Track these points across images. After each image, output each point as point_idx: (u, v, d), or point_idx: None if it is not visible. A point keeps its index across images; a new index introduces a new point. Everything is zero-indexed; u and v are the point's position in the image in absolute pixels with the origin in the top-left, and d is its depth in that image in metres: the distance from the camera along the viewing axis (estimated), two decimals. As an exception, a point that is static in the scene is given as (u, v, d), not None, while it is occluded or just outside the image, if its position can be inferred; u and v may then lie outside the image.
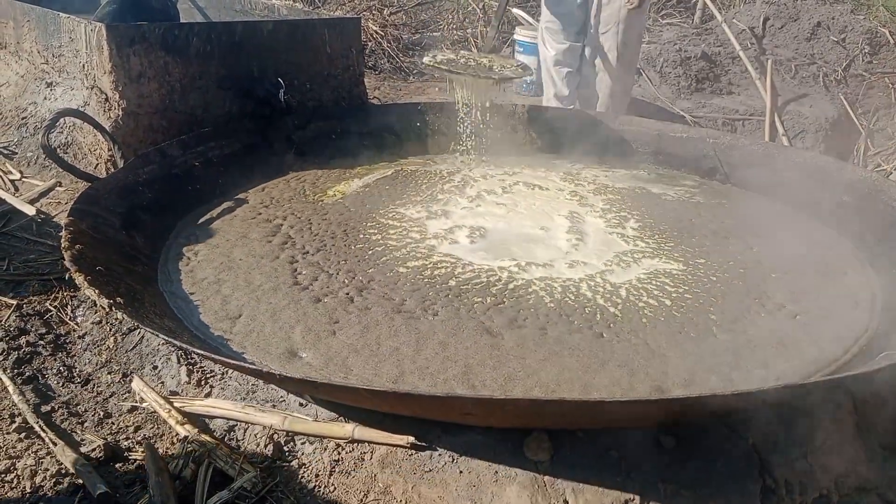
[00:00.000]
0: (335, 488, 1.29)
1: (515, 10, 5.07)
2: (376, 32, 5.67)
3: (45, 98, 2.72)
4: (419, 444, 1.31)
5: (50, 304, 1.85)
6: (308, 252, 1.89)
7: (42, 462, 1.37)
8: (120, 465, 1.38)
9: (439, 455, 1.31)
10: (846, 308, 1.72)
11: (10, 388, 1.54)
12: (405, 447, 1.32)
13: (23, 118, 2.78)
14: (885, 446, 1.45)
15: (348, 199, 2.26)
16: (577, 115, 3.08)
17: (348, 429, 1.36)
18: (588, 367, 1.44)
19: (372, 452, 1.33)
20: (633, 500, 1.24)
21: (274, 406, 1.46)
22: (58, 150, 2.41)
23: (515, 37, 4.73)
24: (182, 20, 3.28)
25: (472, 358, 1.46)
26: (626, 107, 3.50)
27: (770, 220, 2.23)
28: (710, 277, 1.84)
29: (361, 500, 1.27)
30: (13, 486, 1.31)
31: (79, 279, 1.45)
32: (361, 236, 2.00)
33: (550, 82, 3.58)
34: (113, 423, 1.49)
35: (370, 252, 1.90)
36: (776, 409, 1.36)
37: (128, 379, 1.60)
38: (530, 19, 4.68)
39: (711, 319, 1.64)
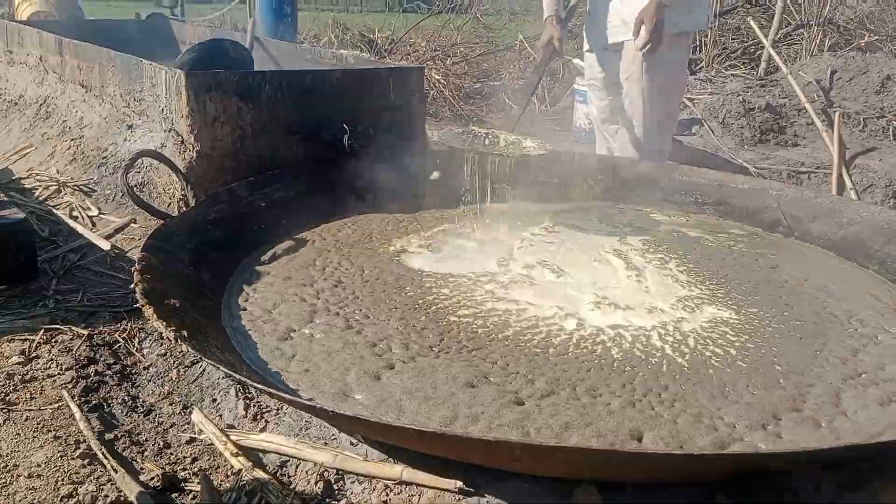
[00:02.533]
0: (382, 529, 1.29)
1: (576, 61, 5.12)
2: (439, 81, 5.81)
3: (126, 139, 2.87)
4: (467, 489, 1.31)
5: (119, 336, 1.93)
6: (360, 297, 1.93)
7: (103, 489, 1.41)
8: (177, 495, 1.41)
9: (487, 501, 1.30)
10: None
11: (77, 416, 1.61)
12: (453, 492, 1.31)
13: (103, 157, 2.94)
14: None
15: (403, 246, 2.31)
16: (631, 165, 3.06)
17: (397, 470, 1.37)
18: (649, 418, 1.42)
19: (420, 495, 1.34)
20: (686, 559, 1.20)
21: (326, 444, 1.48)
22: (134, 188, 2.54)
23: (575, 86, 4.77)
24: (256, 68, 3.44)
25: (528, 404, 1.45)
26: (666, 155, 3.27)
27: (830, 273, 2.17)
28: (766, 328, 1.82)
29: (408, 543, 1.27)
30: (75, 509, 1.36)
31: (147, 311, 1.52)
32: (411, 288, 2.01)
33: (601, 137, 3.46)
34: (172, 454, 1.54)
35: (422, 300, 1.93)
36: (839, 471, 1.30)
37: (188, 411, 1.65)
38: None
39: (777, 371, 1.60)
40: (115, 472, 1.44)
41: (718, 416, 1.43)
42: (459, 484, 1.31)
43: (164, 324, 1.48)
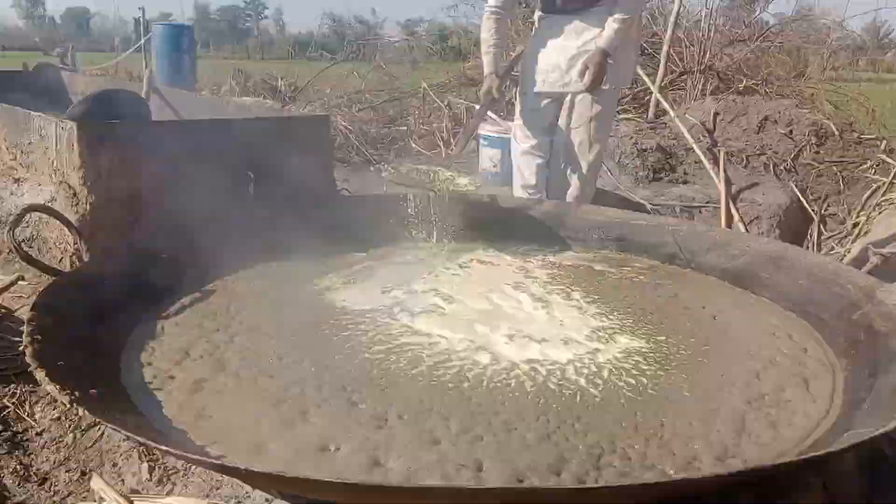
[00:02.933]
0: (302, 589, 1.24)
1: (479, 108, 5.27)
2: (345, 127, 5.84)
3: (12, 193, 2.72)
4: (389, 538, 1.28)
5: (7, 401, 1.80)
6: (275, 339, 1.88)
7: (-9, 570, 1.30)
8: (75, 570, 1.31)
9: (410, 550, 1.27)
10: (808, 389, 1.75)
11: (-39, 492, 1.48)
12: (375, 542, 1.28)
13: (-12, 213, 2.77)
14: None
15: (316, 292, 2.27)
16: (538, 205, 3.17)
17: (316, 525, 1.32)
18: (563, 452, 1.43)
19: (341, 549, 1.29)
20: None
21: (239, 503, 1.42)
22: (23, 244, 2.39)
23: (480, 131, 4.90)
24: (154, 118, 3.35)
25: (451, 448, 1.44)
26: (591, 197, 3.61)
27: (726, 300, 2.29)
28: (675, 354, 1.89)
29: None
30: None
31: (39, 375, 1.42)
32: (327, 326, 1.99)
33: (519, 173, 3.69)
34: (69, 526, 1.43)
35: (335, 339, 1.90)
36: (746, 492, 1.36)
37: (87, 477, 1.55)
38: (495, 116, 4.87)
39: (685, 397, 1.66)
40: (5, 551, 1.33)
41: (630, 446, 1.46)
42: (381, 534, 1.27)
43: (58, 386, 1.38)
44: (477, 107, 5.28)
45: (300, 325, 1.99)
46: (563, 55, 3.32)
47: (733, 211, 4.34)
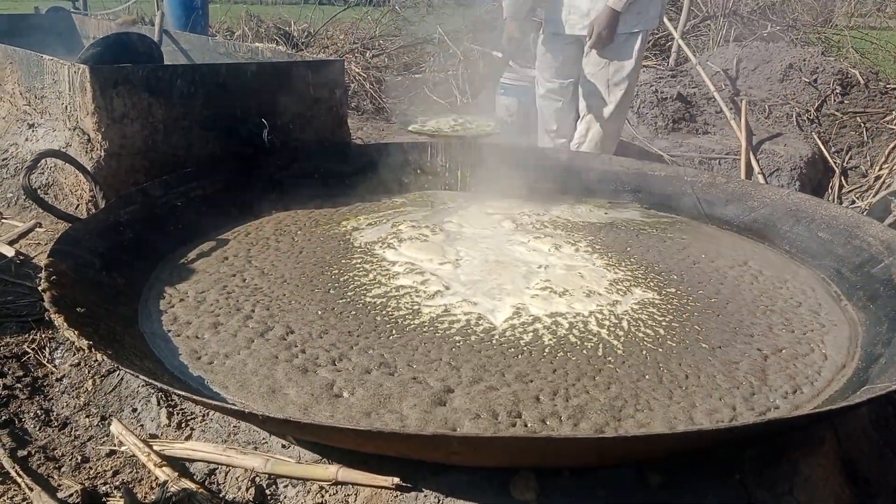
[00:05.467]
0: (318, 532, 1.27)
1: (496, 53, 5.16)
2: (359, 74, 5.75)
3: (27, 139, 2.71)
4: (404, 485, 1.29)
5: (27, 347, 1.82)
6: (282, 294, 1.88)
7: (16, 509, 1.33)
8: (97, 511, 1.34)
9: (424, 496, 1.29)
10: (824, 342, 1.74)
11: (-15, 433, 1.51)
12: (390, 489, 1.30)
13: (3, 159, 2.76)
14: (867, 479, 1.46)
15: (326, 239, 2.27)
16: (557, 154, 3.12)
17: (332, 471, 1.34)
18: (583, 403, 1.43)
19: (356, 494, 1.31)
20: (621, 538, 1.23)
21: (256, 448, 1.44)
22: (38, 190, 2.40)
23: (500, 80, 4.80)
24: (166, 62, 3.31)
25: (457, 392, 1.45)
26: (614, 147, 3.54)
27: (742, 253, 2.26)
28: (686, 306, 1.89)
29: (345, 544, 1.24)
30: (-14, 534, 1.28)
31: (58, 320, 1.43)
32: (337, 273, 2.00)
33: (541, 117, 3.65)
34: (91, 468, 1.46)
35: (348, 288, 1.90)
36: (761, 445, 1.36)
37: (106, 422, 1.57)
38: (513, 63, 4.77)
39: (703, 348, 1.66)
40: (31, 490, 1.36)
41: (654, 398, 1.46)
42: (396, 480, 1.29)
43: (77, 332, 1.40)
44: (494, 53, 5.18)
45: (313, 266, 2.02)
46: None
47: (753, 162, 4.27)
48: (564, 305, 1.85)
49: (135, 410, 1.59)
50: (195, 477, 1.40)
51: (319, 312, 1.78)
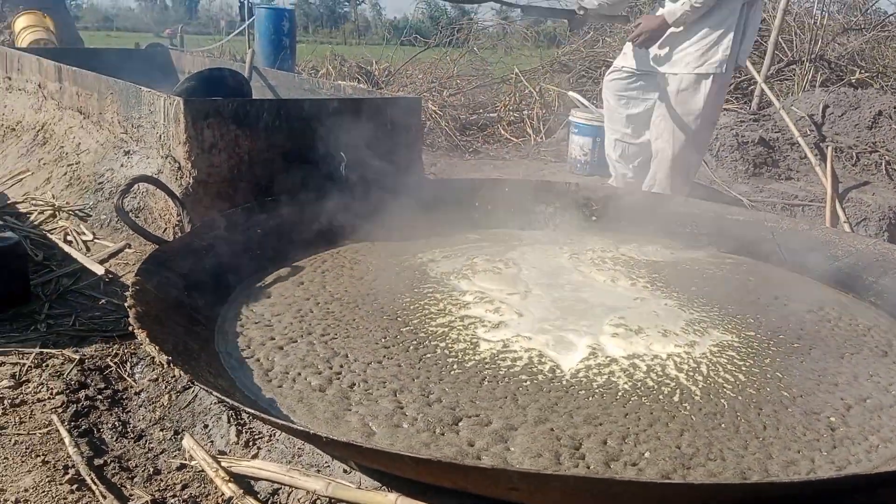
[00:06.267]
0: (376, 559, 1.27)
1: (571, 94, 5.18)
2: (435, 112, 5.86)
3: (122, 165, 2.88)
4: (462, 518, 1.28)
5: (110, 360, 1.91)
6: (353, 321, 1.92)
7: (91, 515, 1.38)
8: (165, 522, 1.38)
9: (482, 531, 1.27)
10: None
11: (67, 440, 1.58)
12: (448, 520, 1.29)
13: (99, 183, 2.94)
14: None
15: (402, 269, 2.30)
16: (629, 193, 3.09)
17: (391, 498, 1.35)
18: (652, 448, 1.40)
19: (414, 524, 1.31)
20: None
21: (318, 471, 1.46)
22: (130, 213, 2.54)
23: (571, 118, 4.82)
24: (254, 97, 3.47)
25: (526, 434, 1.44)
26: (686, 190, 3.46)
27: (815, 297, 2.19)
28: (766, 350, 1.83)
29: (402, 574, 1.24)
30: (61, 537, 1.33)
31: (140, 336, 1.51)
32: (410, 309, 2.02)
33: (609, 160, 3.63)
34: (161, 480, 1.51)
35: (415, 321, 1.92)
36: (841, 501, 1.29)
37: (179, 436, 1.63)
38: (585, 102, 4.78)
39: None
40: (104, 498, 1.41)
41: (728, 448, 1.41)
42: (454, 512, 1.28)
43: (157, 348, 1.46)
44: (570, 93, 5.21)
45: (386, 293, 2.07)
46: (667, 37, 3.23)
47: (839, 211, 4.10)
48: (643, 346, 1.81)
49: (206, 427, 1.65)
50: (259, 496, 1.42)
51: (383, 340, 1.80)
